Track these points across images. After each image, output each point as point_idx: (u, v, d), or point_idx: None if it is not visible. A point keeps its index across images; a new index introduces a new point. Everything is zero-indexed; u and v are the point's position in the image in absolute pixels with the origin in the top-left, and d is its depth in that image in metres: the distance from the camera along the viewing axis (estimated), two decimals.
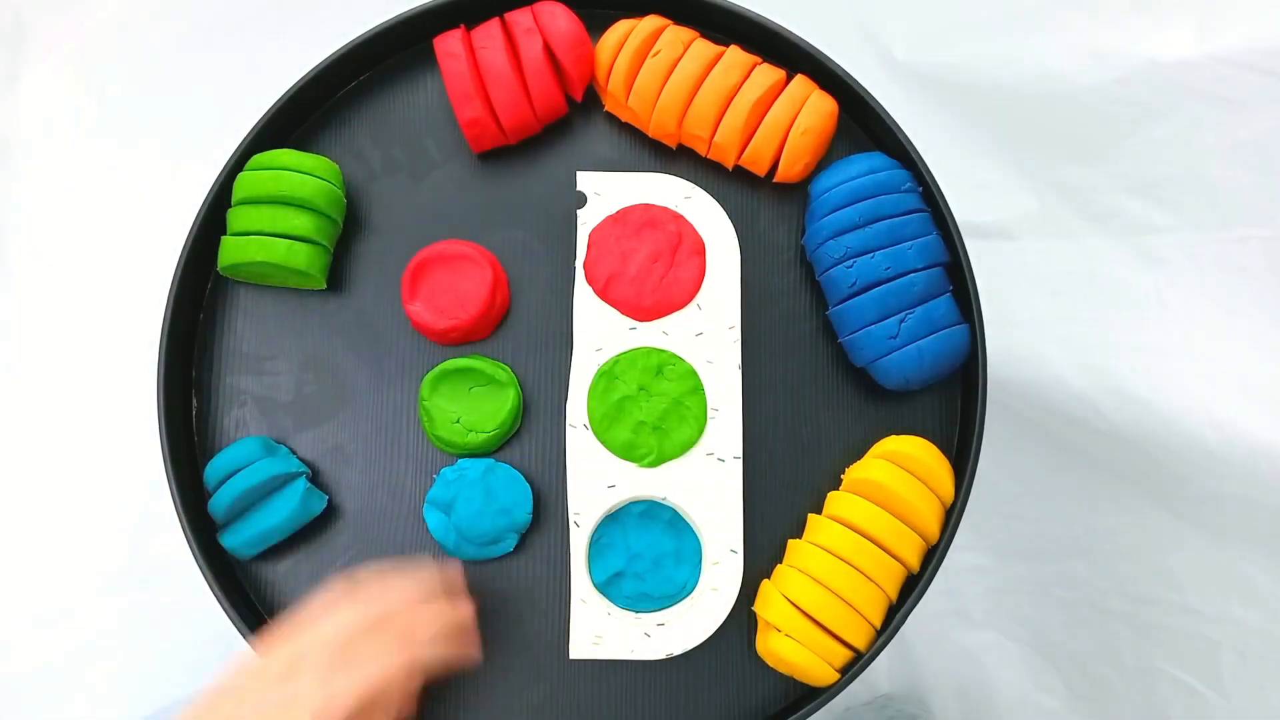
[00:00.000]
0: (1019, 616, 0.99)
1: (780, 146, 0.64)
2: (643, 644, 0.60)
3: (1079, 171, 0.85)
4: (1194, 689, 0.83)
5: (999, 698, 1.00)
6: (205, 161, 0.67)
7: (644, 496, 0.61)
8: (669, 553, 0.61)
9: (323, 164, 0.63)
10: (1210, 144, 0.75)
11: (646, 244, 0.63)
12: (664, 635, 0.60)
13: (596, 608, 0.60)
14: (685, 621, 0.60)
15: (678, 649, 0.60)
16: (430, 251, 0.64)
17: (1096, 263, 0.85)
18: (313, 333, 0.66)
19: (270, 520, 0.60)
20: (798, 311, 0.66)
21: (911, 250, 0.61)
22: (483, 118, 0.63)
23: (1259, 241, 0.75)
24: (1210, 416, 0.76)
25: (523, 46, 0.63)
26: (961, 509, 0.61)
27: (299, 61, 0.66)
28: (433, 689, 0.60)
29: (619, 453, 0.61)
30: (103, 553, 1.04)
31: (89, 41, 1.13)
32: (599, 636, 0.60)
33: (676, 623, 0.60)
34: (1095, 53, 0.78)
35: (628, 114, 0.66)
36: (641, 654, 0.59)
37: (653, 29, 0.65)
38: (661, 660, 0.61)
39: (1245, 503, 0.76)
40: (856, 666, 0.59)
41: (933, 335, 0.61)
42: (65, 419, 1.07)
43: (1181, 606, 0.84)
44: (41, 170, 1.11)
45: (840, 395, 0.65)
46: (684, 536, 0.61)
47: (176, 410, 0.64)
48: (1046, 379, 0.87)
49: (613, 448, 0.61)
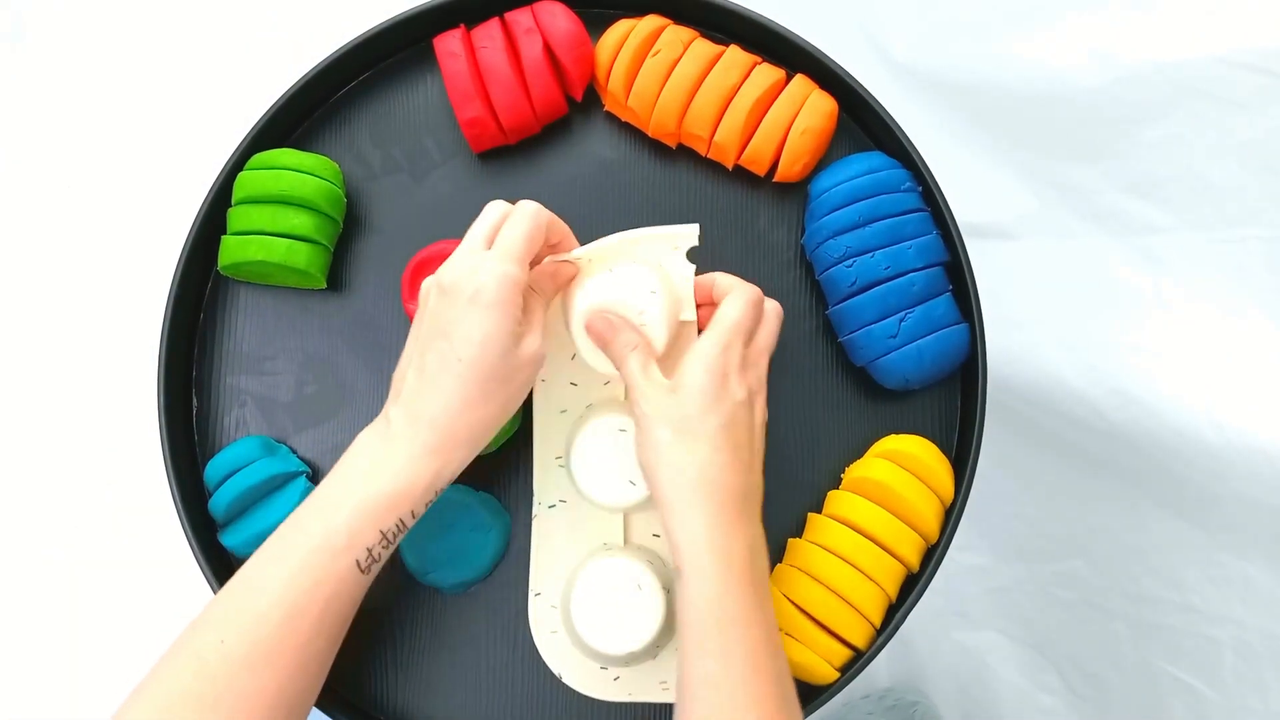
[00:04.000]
0: (1019, 616, 0.99)
1: (780, 146, 0.64)
2: (607, 686, 0.59)
3: (1079, 171, 0.85)
4: (1194, 689, 0.83)
5: (999, 697, 1.00)
6: (205, 161, 0.67)
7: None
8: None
9: (323, 163, 0.63)
10: (1210, 144, 0.75)
11: None
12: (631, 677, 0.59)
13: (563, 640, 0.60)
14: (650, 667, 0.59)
15: (641, 696, 0.59)
16: (430, 251, 0.64)
17: (1096, 263, 0.85)
18: (313, 333, 0.66)
19: (270, 520, 0.60)
20: (798, 311, 0.66)
21: (911, 250, 0.61)
22: (483, 118, 0.63)
23: (1259, 241, 0.75)
24: (1210, 416, 0.76)
25: (523, 46, 0.64)
26: (961, 508, 0.61)
27: (299, 61, 0.66)
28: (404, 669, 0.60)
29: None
30: (102, 552, 1.04)
31: (89, 41, 1.13)
32: (560, 672, 0.60)
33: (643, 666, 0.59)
34: (1095, 53, 0.78)
35: (628, 114, 0.66)
36: (601, 694, 0.59)
37: (653, 29, 0.65)
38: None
39: (1245, 503, 0.76)
40: (856, 666, 0.59)
41: (932, 335, 0.61)
42: (65, 419, 1.07)
43: (1181, 606, 0.84)
44: (41, 169, 1.11)
45: (840, 395, 0.65)
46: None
47: (176, 410, 0.64)
48: (1046, 379, 0.87)
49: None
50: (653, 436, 0.51)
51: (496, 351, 0.49)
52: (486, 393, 0.50)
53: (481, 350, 0.49)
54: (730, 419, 0.51)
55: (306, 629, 0.48)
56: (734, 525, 0.50)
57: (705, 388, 0.50)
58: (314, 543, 0.49)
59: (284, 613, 0.47)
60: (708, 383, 0.50)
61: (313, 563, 0.48)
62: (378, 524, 0.49)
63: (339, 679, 0.62)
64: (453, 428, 0.50)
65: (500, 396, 0.51)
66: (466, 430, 0.50)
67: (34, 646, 1.02)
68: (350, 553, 0.49)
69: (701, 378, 0.51)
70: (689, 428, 0.50)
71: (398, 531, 0.50)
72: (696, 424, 0.50)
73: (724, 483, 0.50)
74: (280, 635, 0.47)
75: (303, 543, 0.49)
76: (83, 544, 1.04)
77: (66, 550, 1.04)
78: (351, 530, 0.49)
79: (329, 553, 0.48)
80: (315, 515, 0.50)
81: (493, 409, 0.51)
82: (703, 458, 0.50)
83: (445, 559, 0.60)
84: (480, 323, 0.49)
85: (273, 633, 0.47)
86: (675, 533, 0.49)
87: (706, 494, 0.49)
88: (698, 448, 0.50)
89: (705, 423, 0.50)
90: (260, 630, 0.47)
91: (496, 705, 0.61)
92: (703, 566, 0.48)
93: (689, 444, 0.50)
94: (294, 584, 0.48)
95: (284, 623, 0.47)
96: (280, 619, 0.47)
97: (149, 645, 0.47)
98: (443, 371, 0.50)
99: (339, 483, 0.51)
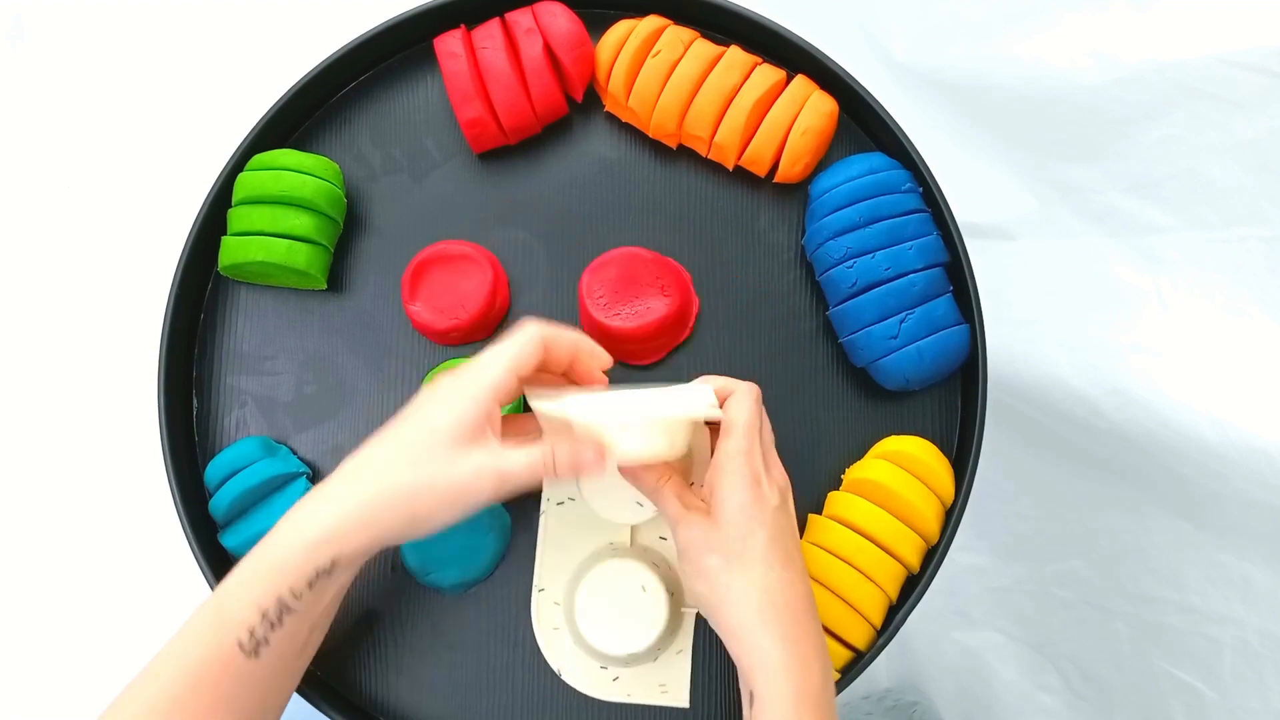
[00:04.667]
0: (1019, 616, 0.99)
1: (780, 146, 0.64)
2: (606, 685, 0.59)
3: (1079, 171, 0.84)
4: (1194, 688, 0.83)
5: (999, 697, 1.00)
6: (205, 162, 0.67)
7: None
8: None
9: (323, 164, 0.63)
10: (1210, 144, 0.75)
11: None
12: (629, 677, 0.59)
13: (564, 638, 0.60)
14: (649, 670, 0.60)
15: (639, 697, 0.59)
16: (430, 251, 0.64)
17: (1096, 263, 0.85)
18: (313, 333, 0.66)
19: (270, 520, 0.59)
20: (798, 311, 0.66)
21: (911, 250, 0.61)
22: (483, 118, 0.63)
23: (1259, 241, 0.75)
24: (1210, 416, 0.76)
25: (523, 46, 0.63)
26: (961, 509, 0.61)
27: (299, 61, 0.66)
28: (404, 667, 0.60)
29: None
30: (102, 552, 1.04)
31: (88, 41, 1.13)
32: (560, 669, 0.60)
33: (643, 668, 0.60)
34: (1095, 53, 0.78)
35: (628, 114, 0.66)
36: (599, 694, 0.59)
37: (653, 29, 0.65)
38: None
39: (1245, 503, 0.76)
40: (857, 666, 0.59)
41: (933, 335, 0.61)
42: (65, 419, 1.07)
43: (1181, 606, 0.83)
44: (41, 169, 1.11)
45: (840, 395, 0.65)
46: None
47: (177, 410, 0.64)
48: (1046, 379, 0.87)
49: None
50: (702, 565, 0.49)
51: (429, 440, 0.47)
52: (405, 479, 0.47)
53: (417, 431, 0.47)
54: (774, 530, 0.50)
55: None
56: (806, 644, 0.48)
57: (744, 505, 0.49)
58: (200, 623, 0.47)
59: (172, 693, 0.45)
60: (746, 499, 0.49)
61: (196, 647, 0.46)
62: (256, 599, 0.46)
63: (339, 679, 0.62)
64: (365, 483, 0.47)
65: (418, 496, 0.47)
66: (376, 499, 0.47)
67: (34, 647, 1.02)
68: (232, 631, 0.46)
69: (739, 495, 0.49)
70: (736, 550, 0.49)
71: (280, 610, 0.46)
72: (743, 545, 0.49)
73: (788, 602, 0.49)
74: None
75: (191, 626, 0.47)
76: (83, 544, 1.04)
77: (66, 550, 1.04)
78: (235, 603, 0.46)
79: (213, 635, 0.46)
80: (216, 593, 0.48)
81: (402, 502, 0.47)
82: (761, 581, 0.48)
83: (445, 559, 0.60)
84: (429, 407, 0.48)
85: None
86: (746, 657, 0.48)
87: (774, 619, 0.48)
88: (752, 571, 0.49)
89: (753, 542, 0.49)
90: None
91: (496, 705, 0.61)
92: (781, 695, 0.47)
93: (742, 568, 0.49)
94: (177, 672, 0.46)
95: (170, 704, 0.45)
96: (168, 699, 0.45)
97: (149, 645, 0.47)
98: (381, 440, 0.48)
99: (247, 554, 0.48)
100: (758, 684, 0.48)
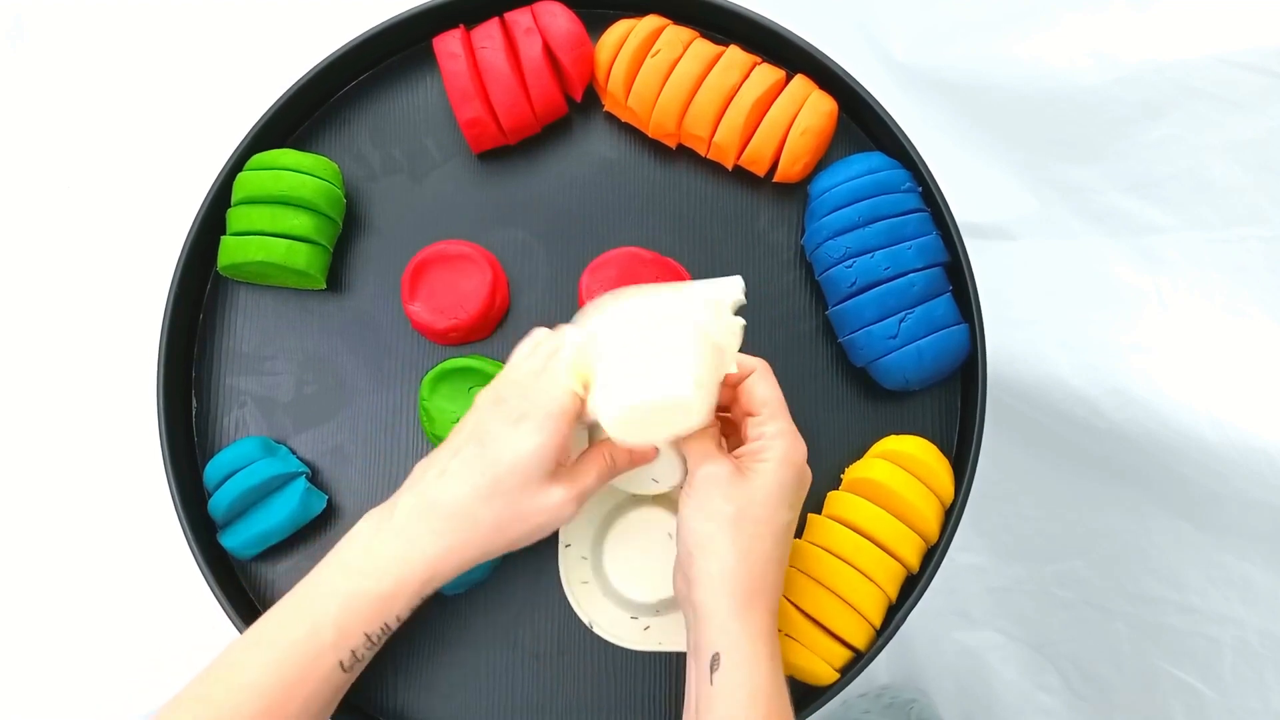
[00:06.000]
0: (1019, 616, 0.99)
1: (780, 146, 0.64)
2: (637, 635, 0.59)
3: (1079, 171, 0.84)
4: (1194, 689, 0.83)
5: (999, 697, 1.00)
6: (205, 162, 0.67)
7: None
8: None
9: (322, 164, 0.63)
10: (1210, 144, 0.75)
11: None
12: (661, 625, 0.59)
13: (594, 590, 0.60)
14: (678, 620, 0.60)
15: (670, 645, 0.59)
16: (430, 251, 0.64)
17: (1096, 263, 0.85)
18: (313, 333, 0.66)
19: (270, 520, 0.60)
20: (798, 311, 0.66)
21: (911, 250, 0.61)
22: (483, 118, 0.63)
23: (1259, 241, 0.75)
24: (1210, 416, 0.76)
25: (522, 46, 0.63)
26: (961, 509, 0.61)
27: (299, 61, 0.66)
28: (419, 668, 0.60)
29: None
30: (102, 553, 1.04)
31: (88, 41, 1.13)
32: (591, 622, 0.59)
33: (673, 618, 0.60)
34: (1095, 53, 0.78)
35: (627, 114, 0.66)
36: (631, 644, 0.59)
37: (652, 29, 0.65)
38: (656, 654, 0.60)
39: (1245, 503, 0.76)
40: (856, 667, 0.59)
41: (932, 335, 0.61)
42: (65, 419, 1.06)
43: (1181, 606, 0.83)
44: (41, 169, 1.11)
45: (840, 395, 0.65)
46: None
47: (176, 410, 0.64)
48: (1046, 379, 0.87)
49: None
50: (713, 507, 0.49)
51: (523, 477, 0.48)
52: (497, 513, 0.48)
53: (509, 469, 0.48)
54: (795, 517, 0.51)
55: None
56: (771, 621, 0.49)
57: (784, 483, 0.49)
58: (298, 634, 0.48)
59: (261, 705, 0.47)
60: (789, 477, 0.50)
61: (295, 657, 0.48)
62: (363, 626, 0.48)
63: None
64: (460, 517, 0.49)
65: (507, 527, 0.49)
66: (470, 531, 0.49)
67: (34, 647, 1.02)
68: (335, 653, 0.48)
69: (787, 470, 0.49)
70: (758, 515, 0.49)
71: (382, 634, 0.50)
72: (768, 512, 0.49)
73: (775, 584, 0.49)
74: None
75: (287, 635, 0.48)
76: (82, 544, 1.04)
77: (66, 550, 1.04)
78: (339, 628, 0.48)
79: (313, 650, 0.48)
80: (305, 605, 0.49)
81: (493, 534, 0.49)
82: (765, 553, 0.49)
83: None
84: (513, 437, 0.48)
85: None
86: (722, 613, 0.48)
87: (759, 591, 0.48)
88: (761, 543, 0.49)
89: (779, 517, 0.49)
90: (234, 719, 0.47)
91: (496, 705, 0.61)
92: (757, 660, 0.47)
93: (754, 532, 0.49)
94: (274, 675, 0.47)
95: (259, 715, 0.47)
96: (255, 711, 0.47)
97: (149, 645, 0.47)
98: (466, 468, 0.49)
99: (333, 572, 0.50)
100: (732, 647, 0.47)
